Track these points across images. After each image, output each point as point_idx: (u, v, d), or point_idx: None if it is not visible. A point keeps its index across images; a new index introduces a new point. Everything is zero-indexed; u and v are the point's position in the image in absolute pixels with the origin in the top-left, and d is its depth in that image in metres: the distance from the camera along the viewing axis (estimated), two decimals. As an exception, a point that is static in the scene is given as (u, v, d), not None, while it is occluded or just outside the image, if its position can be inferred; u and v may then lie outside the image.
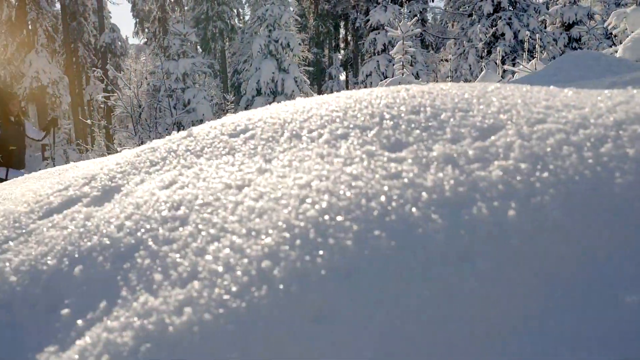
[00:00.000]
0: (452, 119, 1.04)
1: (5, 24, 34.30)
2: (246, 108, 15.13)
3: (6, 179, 7.06)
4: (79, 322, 0.85)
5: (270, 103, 10.65)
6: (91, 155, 20.00)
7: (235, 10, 41.74)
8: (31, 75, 27.96)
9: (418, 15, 37.12)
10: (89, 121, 12.79)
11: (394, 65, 18.40)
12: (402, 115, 1.10)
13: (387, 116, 1.11)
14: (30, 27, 32.10)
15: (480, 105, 1.08)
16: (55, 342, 0.85)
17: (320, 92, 33.63)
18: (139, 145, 11.20)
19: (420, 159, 0.93)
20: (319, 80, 38.24)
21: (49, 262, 1.03)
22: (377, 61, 18.44)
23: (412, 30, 11.14)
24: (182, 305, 0.77)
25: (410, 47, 10.94)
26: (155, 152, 1.41)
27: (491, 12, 16.64)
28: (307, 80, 15.05)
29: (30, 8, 30.51)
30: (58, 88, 28.67)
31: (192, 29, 13.07)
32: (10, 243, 1.17)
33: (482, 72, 9.43)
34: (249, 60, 39.24)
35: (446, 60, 37.25)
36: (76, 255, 1.01)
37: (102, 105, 29.17)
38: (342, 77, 36.89)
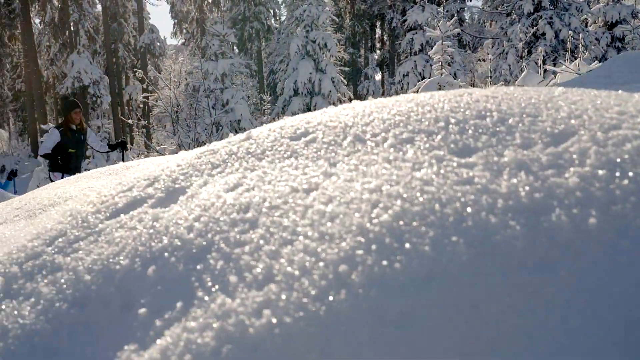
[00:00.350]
0: (520, 124, 1.04)
1: (49, 25, 35.16)
2: (283, 108, 15.22)
3: None
4: (157, 321, 0.87)
5: (307, 104, 10.70)
6: (131, 155, 20.35)
7: (271, 11, 42.04)
8: (73, 75, 28.61)
9: (455, 15, 36.91)
10: (130, 121, 12.98)
11: (431, 65, 18.27)
12: (468, 119, 1.10)
13: (453, 120, 1.11)
14: (72, 28, 32.83)
15: (549, 110, 1.07)
16: (134, 341, 0.87)
17: (356, 93, 33.61)
18: (178, 144, 11.35)
19: (492, 165, 0.93)
20: (355, 80, 38.22)
21: (121, 262, 1.06)
22: (415, 61, 18.33)
23: (452, 30, 11.04)
24: (261, 308, 0.78)
25: (449, 47, 10.85)
26: (216, 155, 1.43)
27: (532, 11, 16.39)
28: (344, 81, 15.05)
29: (73, 10, 31.22)
30: (99, 88, 29.30)
31: (230, 29, 13.18)
32: (81, 242, 1.20)
33: (523, 73, 9.30)
34: (285, 60, 39.42)
35: (483, 60, 36.82)
36: (148, 256, 1.04)
37: (140, 105, 29.55)
38: (378, 77, 36.77)
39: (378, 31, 44.91)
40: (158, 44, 36.29)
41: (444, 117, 1.13)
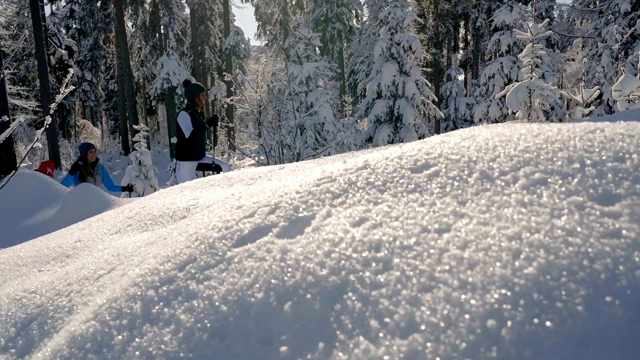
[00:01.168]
0: (665, 170, 1.00)
1: (140, 28, 36.73)
2: (366, 111, 15.21)
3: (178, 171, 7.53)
4: (300, 361, 0.90)
5: (390, 106, 10.61)
6: (217, 154, 20.93)
7: (353, 12, 42.11)
8: (162, 76, 29.75)
9: (544, 13, 35.63)
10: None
11: (519, 67, 17.76)
12: (605, 161, 1.07)
13: (588, 162, 1.08)
14: (162, 31, 34.16)
15: (696, 155, 1.03)
16: (279, 379, 0.90)
17: (437, 94, 33.14)
18: (262, 145, 11.56)
19: (638, 216, 0.90)
20: (437, 81, 37.70)
21: (256, 294, 1.10)
22: (501, 63, 17.88)
23: (543, 32, 10.70)
24: (408, 358, 0.80)
25: (540, 50, 10.51)
26: (334, 183, 1.46)
27: (629, 10, 15.61)
28: (429, 84, 14.87)
29: (164, 13, 32.46)
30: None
31: (316, 33, 13.31)
32: (212, 270, 1.26)
33: (621, 77, 8.88)
34: (366, 61, 39.40)
35: (572, 60, 35.47)
36: (282, 291, 1.07)
37: (224, 105, 30.38)
38: (461, 77, 36.10)
39: (462, 31, 44.10)
40: (242, 45, 37.16)
41: (578, 158, 1.11)
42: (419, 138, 14.66)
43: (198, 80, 36.71)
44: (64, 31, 38.73)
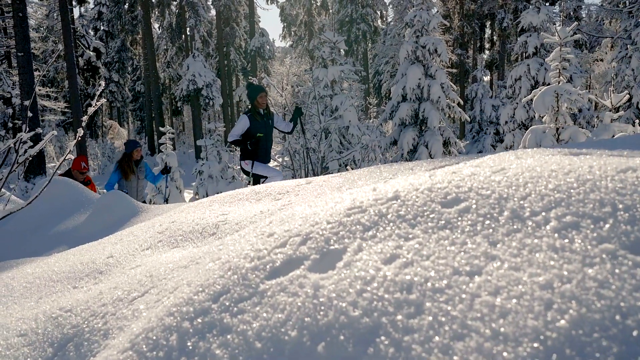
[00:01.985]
0: (698, 218, 1.00)
1: (167, 30, 37.12)
2: (391, 114, 15.18)
3: (251, 172, 7.46)
4: (335, 407, 0.93)
5: (415, 109, 10.56)
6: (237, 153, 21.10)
7: (378, 12, 42.04)
8: (188, 78, 30.04)
9: (572, 13, 35.10)
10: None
11: (546, 69, 17.57)
12: (637, 206, 1.07)
13: (620, 206, 1.09)
14: (188, 33, 34.50)
15: None
16: None
17: (463, 95, 32.93)
18: (286, 148, 11.60)
19: (672, 268, 0.91)
20: (462, 82, 37.46)
21: (289, 332, 1.12)
22: (528, 65, 17.70)
23: (571, 35, 10.57)
24: (441, 411, 0.81)
25: (568, 53, 10.40)
26: (365, 215, 1.48)
27: (659, 12, 15.33)
28: (454, 87, 14.79)
29: (190, 15, 32.78)
30: (211, 90, 30.57)
31: (341, 35, 13.31)
32: (245, 303, 1.29)
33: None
34: (391, 61, 39.30)
35: (601, 60, 34.95)
36: (315, 330, 1.10)
37: (249, 106, 30.52)
38: (487, 78, 35.80)
39: (488, 31, 43.75)
40: (267, 47, 37.35)
41: (610, 201, 1.11)
42: (444, 142, 14.61)
43: (223, 81, 36.97)
44: (92, 33, 39.33)
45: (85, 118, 3.49)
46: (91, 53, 35.93)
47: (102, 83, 3.64)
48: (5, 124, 31.28)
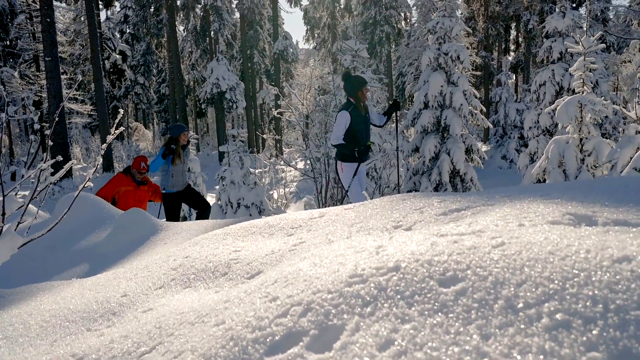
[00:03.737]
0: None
1: (191, 32, 37.47)
2: (413, 121, 15.13)
3: (351, 180, 7.06)
4: None
5: (437, 117, 10.51)
6: (262, 157, 21.28)
7: (402, 14, 41.87)
8: (212, 81, 30.28)
9: (599, 15, 34.60)
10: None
11: (571, 75, 17.34)
12: (629, 308, 1.08)
13: (612, 306, 1.09)
14: (212, 35, 34.77)
15: None
16: None
17: (487, 98, 32.66)
18: (306, 157, 11.64)
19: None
20: (487, 84, 37.16)
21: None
22: (553, 70, 17.50)
23: (596, 44, 10.44)
24: None
25: (592, 63, 10.27)
26: (365, 286, 1.49)
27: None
28: (477, 93, 14.69)
29: (214, 19, 33.05)
30: (234, 93, 30.79)
31: (364, 40, 13.32)
32: (244, 381, 1.32)
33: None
34: (414, 63, 39.13)
35: (629, 62, 34.43)
36: (308, 422, 1.12)
37: (272, 108, 30.78)
38: (511, 81, 35.49)
39: (513, 32, 43.32)
40: (291, 50, 37.47)
41: (602, 299, 1.12)
42: (466, 149, 14.52)
43: (247, 83, 37.20)
44: (118, 36, 39.87)
45: (109, 139, 3.55)
46: (117, 56, 36.44)
47: (121, 111, 3.71)
48: (33, 126, 31.91)
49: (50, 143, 3.89)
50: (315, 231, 2.91)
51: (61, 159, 3.55)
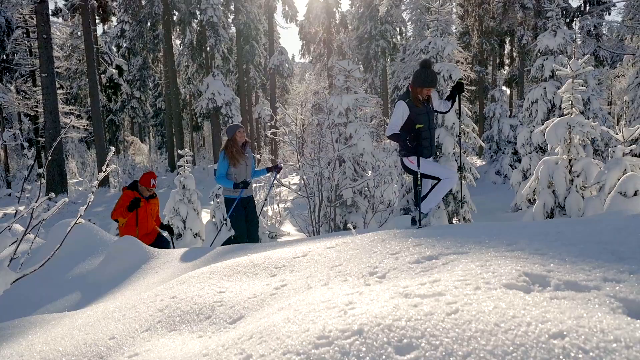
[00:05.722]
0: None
1: (187, 47, 37.67)
2: (405, 139, 15.24)
3: (418, 172, 6.13)
4: None
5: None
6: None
7: (397, 29, 42.20)
8: (207, 97, 30.42)
9: (592, 30, 34.92)
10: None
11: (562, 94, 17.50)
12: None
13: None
14: (208, 50, 34.98)
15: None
16: None
17: (481, 113, 32.89)
18: (301, 175, 11.76)
19: None
20: (481, 98, 37.43)
21: None
22: (544, 88, 17.70)
23: (584, 67, 10.61)
24: None
25: (581, 84, 10.44)
26: (330, 349, 1.61)
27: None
28: (469, 112, 14.85)
29: (210, 35, 33.27)
30: (230, 108, 30.92)
31: (356, 65, 13.48)
32: None
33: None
34: (410, 77, 39.40)
35: (622, 76, 34.72)
36: None
37: (268, 123, 30.90)
38: (506, 95, 35.74)
39: (507, 47, 43.66)
40: (286, 65, 37.68)
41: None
42: (459, 167, 14.63)
43: (243, 97, 37.40)
44: (114, 50, 40.07)
45: (102, 173, 3.66)
46: (114, 70, 36.62)
47: (112, 149, 3.83)
48: (29, 140, 32.05)
49: (49, 157, 4.00)
50: (297, 272, 3.03)
51: (54, 196, 3.66)
